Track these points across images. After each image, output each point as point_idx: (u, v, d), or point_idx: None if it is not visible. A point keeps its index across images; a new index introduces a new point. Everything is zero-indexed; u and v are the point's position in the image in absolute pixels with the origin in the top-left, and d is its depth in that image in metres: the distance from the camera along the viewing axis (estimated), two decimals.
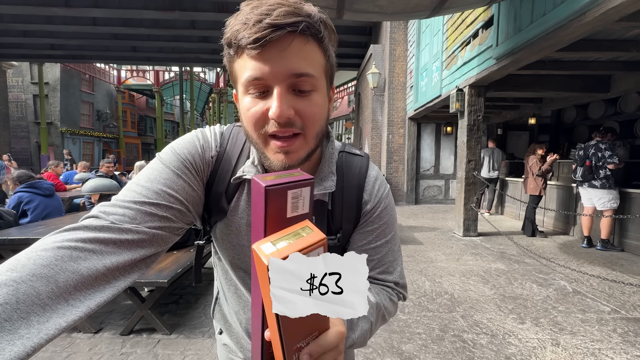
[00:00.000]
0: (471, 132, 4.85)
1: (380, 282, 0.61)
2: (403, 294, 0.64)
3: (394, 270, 0.62)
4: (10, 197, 3.09)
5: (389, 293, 0.61)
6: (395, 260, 0.63)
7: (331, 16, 3.06)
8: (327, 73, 0.50)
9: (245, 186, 0.58)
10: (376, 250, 0.60)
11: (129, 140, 24.15)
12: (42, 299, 0.32)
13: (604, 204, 4.05)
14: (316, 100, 0.48)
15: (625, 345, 2.07)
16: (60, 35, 9.72)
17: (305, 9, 0.44)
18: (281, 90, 0.44)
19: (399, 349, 2.05)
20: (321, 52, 0.48)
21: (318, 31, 0.46)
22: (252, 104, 0.46)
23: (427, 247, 4.40)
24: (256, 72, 0.44)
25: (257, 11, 0.43)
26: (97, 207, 0.46)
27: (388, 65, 8.19)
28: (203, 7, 8.13)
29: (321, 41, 0.47)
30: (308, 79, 0.45)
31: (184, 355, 1.98)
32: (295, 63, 0.44)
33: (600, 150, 4.07)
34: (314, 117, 0.48)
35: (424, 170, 8.49)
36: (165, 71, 23.13)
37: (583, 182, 4.23)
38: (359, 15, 3.08)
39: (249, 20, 0.43)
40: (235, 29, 0.44)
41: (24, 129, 17.53)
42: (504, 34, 3.71)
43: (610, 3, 2.34)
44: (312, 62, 0.46)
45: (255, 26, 0.42)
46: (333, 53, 0.51)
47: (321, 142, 0.53)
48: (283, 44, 0.43)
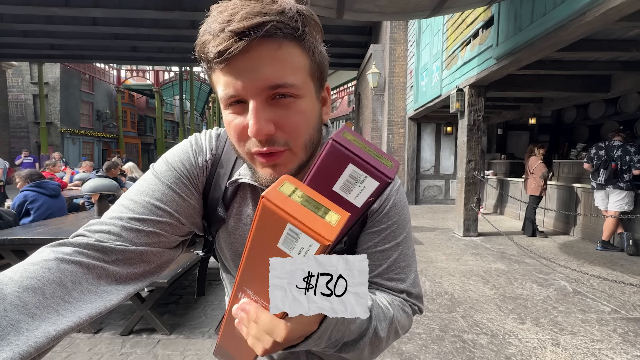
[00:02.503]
0: (471, 132, 4.85)
1: (390, 290, 0.54)
2: (418, 305, 0.56)
3: (406, 278, 0.54)
4: (16, 196, 3.08)
5: (401, 303, 0.53)
6: (407, 266, 0.55)
7: (331, 16, 3.06)
8: (314, 74, 0.45)
9: (245, 190, 0.55)
10: (384, 254, 0.54)
11: (129, 140, 24.15)
12: (30, 309, 0.33)
13: (621, 206, 3.92)
14: (300, 107, 0.42)
15: (626, 346, 2.07)
16: (60, 35, 9.73)
17: (276, 6, 0.38)
18: (256, 105, 0.40)
19: (399, 349, 2.05)
20: (302, 51, 0.42)
21: (294, 29, 0.39)
22: (232, 118, 0.43)
23: (427, 247, 4.39)
24: (228, 89, 0.40)
25: (221, 17, 0.38)
26: (86, 225, 0.45)
27: (388, 65, 8.19)
28: (203, 7, 8.12)
29: (300, 39, 0.41)
30: (286, 89, 0.40)
31: (183, 355, 1.98)
32: (270, 73, 0.39)
33: (628, 153, 3.84)
34: (297, 128, 0.43)
35: (424, 170, 8.48)
36: (165, 71, 23.15)
37: (607, 185, 3.97)
38: (359, 15, 3.08)
39: (213, 30, 0.38)
40: (202, 40, 0.40)
41: (24, 129, 17.54)
42: (504, 34, 3.71)
43: (610, 3, 2.34)
44: (290, 67, 0.41)
45: (218, 37, 0.37)
46: (321, 48, 0.45)
47: (316, 150, 0.48)
48: (251, 53, 0.38)
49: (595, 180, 4.10)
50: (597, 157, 4.07)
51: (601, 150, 4.06)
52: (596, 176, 4.09)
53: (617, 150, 3.93)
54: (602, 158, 4.00)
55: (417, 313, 0.56)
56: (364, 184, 0.27)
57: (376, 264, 0.54)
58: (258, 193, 0.54)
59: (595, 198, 4.24)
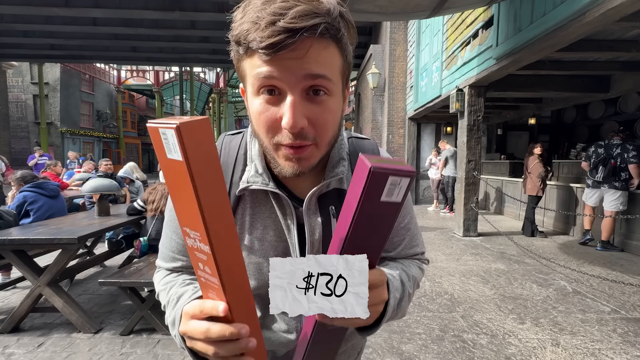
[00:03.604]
0: (471, 132, 4.85)
1: (411, 257, 0.63)
2: (427, 259, 0.68)
3: (419, 242, 0.65)
4: (15, 197, 3.08)
5: (417, 263, 0.63)
6: (418, 232, 0.65)
7: None
8: (344, 73, 0.47)
9: (249, 197, 0.54)
10: (406, 228, 0.62)
11: (129, 141, 24.15)
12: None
13: (616, 206, 3.95)
14: (330, 105, 0.44)
15: (625, 346, 2.07)
16: (60, 35, 9.72)
17: (324, 6, 0.39)
18: (295, 99, 0.41)
19: (399, 349, 2.05)
20: (339, 52, 0.44)
21: (337, 30, 0.41)
22: (264, 108, 0.43)
23: (427, 247, 4.37)
24: (268, 77, 0.41)
25: (270, 9, 0.38)
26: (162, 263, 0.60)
27: (388, 66, 8.19)
28: (203, 7, 8.13)
29: (340, 41, 0.43)
30: (325, 81, 0.42)
31: (183, 355, 1.98)
32: (312, 68, 0.41)
33: (627, 151, 3.88)
34: (327, 125, 0.45)
35: (424, 170, 8.48)
36: (165, 71, 23.17)
37: (604, 183, 4.02)
38: (359, 15, 3.08)
39: (260, 19, 0.38)
40: (244, 27, 0.40)
41: (24, 129, 17.52)
42: (504, 34, 3.71)
43: (610, 3, 2.34)
44: (330, 65, 0.43)
45: (268, 29, 0.37)
46: (351, 50, 0.47)
47: (334, 145, 0.50)
48: (300, 51, 0.39)
49: (593, 177, 4.13)
50: (596, 154, 4.11)
51: (600, 149, 4.10)
52: (594, 173, 4.12)
53: (617, 149, 3.97)
54: (602, 156, 4.04)
55: (425, 264, 0.67)
56: (400, 184, 0.34)
57: (400, 239, 0.61)
58: (259, 199, 0.53)
59: (585, 194, 4.31)
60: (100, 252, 3.37)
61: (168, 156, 0.31)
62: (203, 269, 0.35)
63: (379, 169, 0.32)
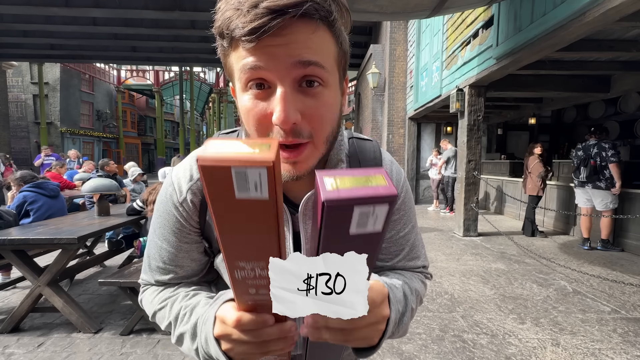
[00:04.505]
0: (471, 132, 4.85)
1: (411, 269, 0.59)
2: (430, 274, 0.63)
3: (421, 254, 0.60)
4: (15, 197, 3.08)
5: (419, 277, 0.59)
6: (420, 243, 0.60)
7: None
8: (340, 63, 0.42)
9: None
10: (406, 238, 0.57)
11: (129, 140, 24.15)
12: None
13: (606, 205, 4.00)
14: (326, 98, 0.40)
15: (626, 345, 2.07)
16: (60, 35, 9.73)
17: None
18: (285, 91, 0.37)
19: (399, 349, 2.05)
20: (332, 37, 0.40)
21: (329, 12, 0.37)
22: (253, 105, 0.39)
23: (427, 247, 4.39)
24: (255, 69, 0.37)
25: None
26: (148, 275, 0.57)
27: (388, 65, 8.19)
28: (203, 7, 8.13)
29: (332, 25, 0.38)
30: (318, 69, 0.38)
31: (183, 355, 1.98)
32: (302, 54, 0.36)
33: (603, 149, 3.98)
34: (323, 120, 0.41)
35: (424, 170, 8.48)
36: (165, 71, 23.17)
37: (587, 183, 4.11)
38: (359, 15, 3.08)
39: (242, 4, 0.35)
40: (226, 15, 0.36)
41: (24, 129, 17.53)
42: (504, 34, 3.71)
43: (610, 3, 2.34)
44: (322, 51, 0.38)
45: (250, 12, 0.34)
46: (347, 37, 0.43)
47: (333, 144, 0.46)
48: (286, 36, 0.35)
49: (578, 178, 4.28)
50: (577, 157, 4.26)
51: (579, 151, 4.24)
52: (578, 174, 4.27)
53: (594, 148, 4.08)
54: (582, 157, 4.18)
55: (428, 279, 0.63)
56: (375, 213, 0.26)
57: (399, 249, 0.58)
58: None
59: (577, 195, 4.41)
60: (100, 252, 3.37)
61: (238, 196, 0.25)
62: (257, 293, 0.35)
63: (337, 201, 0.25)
